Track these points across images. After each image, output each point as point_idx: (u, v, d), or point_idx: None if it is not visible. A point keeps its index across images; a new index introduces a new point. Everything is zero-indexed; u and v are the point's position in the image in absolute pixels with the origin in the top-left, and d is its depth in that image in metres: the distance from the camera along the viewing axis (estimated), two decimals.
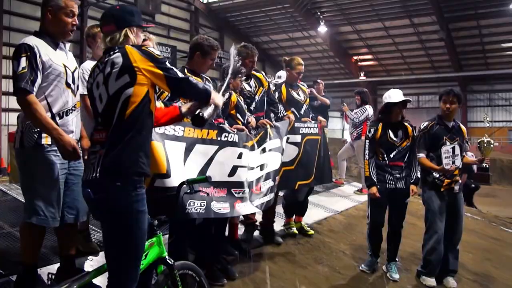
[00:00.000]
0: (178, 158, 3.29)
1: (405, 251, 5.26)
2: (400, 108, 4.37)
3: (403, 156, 4.45)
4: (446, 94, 4.39)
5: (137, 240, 2.20)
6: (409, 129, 4.49)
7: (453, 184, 4.37)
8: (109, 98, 2.17)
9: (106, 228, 2.25)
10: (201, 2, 21.61)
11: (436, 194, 4.38)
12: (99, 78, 2.22)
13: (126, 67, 2.15)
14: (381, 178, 4.42)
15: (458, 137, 4.39)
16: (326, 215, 6.06)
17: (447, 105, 4.37)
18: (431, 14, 20.62)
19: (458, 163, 4.20)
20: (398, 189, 4.41)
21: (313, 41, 23.98)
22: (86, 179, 2.19)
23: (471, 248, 5.89)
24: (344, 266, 4.62)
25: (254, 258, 4.35)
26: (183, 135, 3.35)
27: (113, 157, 2.12)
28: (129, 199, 2.14)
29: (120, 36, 2.29)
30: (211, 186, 3.43)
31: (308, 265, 4.46)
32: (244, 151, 3.75)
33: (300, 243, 4.94)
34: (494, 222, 7.84)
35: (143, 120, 2.20)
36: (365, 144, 4.53)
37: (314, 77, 26.92)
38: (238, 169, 3.66)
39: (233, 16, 22.88)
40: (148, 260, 2.43)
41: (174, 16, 20.50)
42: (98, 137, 2.21)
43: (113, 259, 2.22)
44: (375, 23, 21.80)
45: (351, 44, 24.67)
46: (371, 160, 4.47)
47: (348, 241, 5.30)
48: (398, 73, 26.00)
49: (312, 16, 21.76)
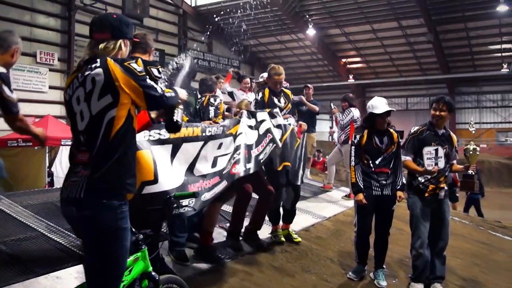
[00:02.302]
0: (165, 160, 3.33)
1: (393, 258, 5.23)
2: (384, 117, 4.34)
3: (389, 163, 4.43)
4: (437, 102, 4.36)
5: (120, 257, 2.19)
6: (394, 135, 4.47)
7: (438, 190, 4.35)
8: (92, 118, 2.12)
9: (89, 245, 2.20)
10: (189, 5, 21.55)
11: (420, 199, 4.36)
12: (79, 93, 2.15)
13: (108, 86, 2.10)
14: (367, 185, 4.39)
15: (447, 144, 4.36)
16: (314, 222, 6.01)
17: (436, 113, 4.33)
18: (419, 17, 20.77)
19: (442, 165, 4.20)
20: (384, 195, 4.38)
21: (301, 44, 24.04)
22: (68, 197, 2.14)
23: (459, 253, 5.88)
24: (331, 274, 4.57)
25: (239, 266, 4.29)
26: (169, 137, 3.36)
27: (100, 179, 2.09)
28: (114, 217, 2.12)
29: (114, 47, 2.24)
30: (200, 180, 3.53)
31: (295, 273, 4.39)
32: (225, 140, 3.89)
33: (287, 250, 4.87)
34: (482, 226, 7.86)
35: (128, 139, 2.19)
36: (351, 150, 4.50)
37: (303, 80, 27.04)
38: (218, 158, 3.78)
39: (222, 20, 22.77)
40: (132, 275, 2.41)
41: (162, 19, 20.43)
42: (82, 158, 2.16)
43: (95, 276, 2.19)
44: (363, 25, 21.90)
45: (340, 47, 24.77)
46: (357, 167, 4.44)
47: (336, 248, 5.24)
48: (386, 76, 26.16)
49: (301, 19, 21.81)
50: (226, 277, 4.01)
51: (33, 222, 4.52)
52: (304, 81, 26.88)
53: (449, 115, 4.36)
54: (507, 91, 26.14)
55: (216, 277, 3.96)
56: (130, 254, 2.38)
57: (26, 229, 4.37)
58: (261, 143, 4.31)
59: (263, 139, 4.35)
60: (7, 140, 10.42)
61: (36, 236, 4.23)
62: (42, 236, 4.21)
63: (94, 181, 2.09)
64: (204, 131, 3.70)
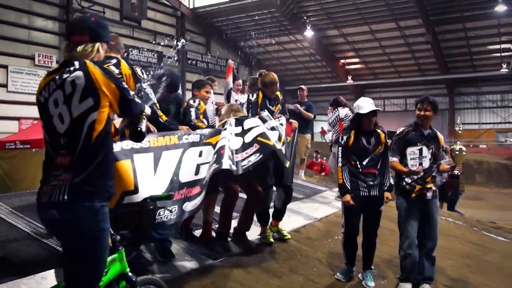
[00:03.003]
0: (148, 169, 3.38)
1: (383, 258, 5.22)
2: (370, 117, 4.34)
3: (376, 163, 4.42)
4: (421, 102, 4.39)
5: (100, 258, 2.21)
6: (381, 135, 4.46)
7: (425, 191, 4.35)
8: (73, 121, 2.12)
9: (69, 247, 2.21)
10: (187, 7, 21.57)
11: (407, 200, 4.38)
12: (57, 95, 2.15)
13: (90, 90, 2.12)
14: (354, 186, 4.39)
15: (433, 145, 4.37)
16: (305, 223, 6.00)
17: (421, 113, 4.36)
18: (417, 17, 20.77)
19: (426, 165, 4.22)
20: (372, 196, 4.37)
21: (299, 45, 24.06)
22: (49, 201, 2.13)
23: (451, 254, 5.86)
24: (319, 274, 4.56)
25: (226, 267, 4.30)
26: (149, 146, 3.45)
27: (83, 181, 2.10)
28: (95, 218, 2.13)
29: (92, 49, 2.26)
30: (184, 187, 3.60)
31: (283, 274, 4.39)
32: (205, 148, 3.96)
33: (276, 251, 4.87)
34: (475, 227, 7.82)
35: (108, 142, 2.22)
36: (338, 151, 4.51)
37: (302, 81, 27.06)
38: (200, 166, 3.83)
39: (220, 21, 22.87)
40: (108, 276, 2.42)
41: (160, 21, 20.46)
42: (62, 161, 2.15)
43: (74, 277, 2.21)
44: (361, 26, 21.90)
45: (338, 48, 24.77)
46: (344, 167, 4.44)
47: (326, 249, 5.24)
48: (385, 76, 26.16)
49: (299, 20, 21.81)
50: (212, 277, 4.01)
51: (21, 223, 4.53)
52: (303, 82, 26.93)
53: (434, 114, 4.37)
54: (507, 91, 26.10)
55: (202, 278, 3.97)
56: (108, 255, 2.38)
57: (14, 231, 4.39)
58: (246, 150, 4.25)
59: (248, 147, 4.28)
60: (5, 142, 10.49)
61: (23, 238, 4.24)
62: (29, 237, 4.22)
63: (76, 185, 2.10)
64: (181, 138, 3.77)
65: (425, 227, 4.41)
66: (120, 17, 18.29)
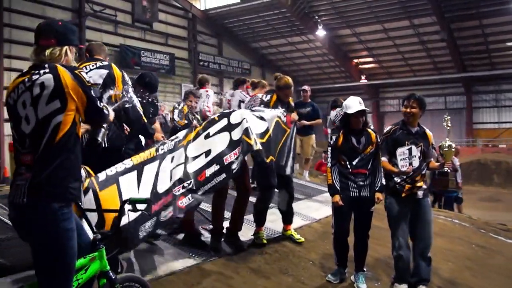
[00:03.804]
0: (132, 188, 3.52)
1: (379, 260, 5.15)
2: (358, 117, 4.27)
3: (367, 163, 4.35)
4: (407, 99, 4.39)
5: (66, 257, 2.24)
6: (372, 135, 4.39)
7: (415, 190, 4.27)
8: (38, 122, 2.18)
9: (35, 247, 2.26)
10: (198, 9, 21.64)
11: (397, 200, 4.33)
12: (25, 97, 2.20)
13: (58, 92, 2.17)
14: (344, 186, 4.33)
15: (422, 142, 4.30)
16: (302, 224, 5.94)
17: (407, 110, 4.33)
18: (431, 15, 20.44)
19: (416, 164, 4.16)
20: (362, 197, 4.31)
21: (312, 45, 23.90)
22: (12, 201, 2.20)
23: (451, 257, 5.74)
24: (310, 276, 4.51)
25: (215, 267, 4.29)
26: (132, 165, 3.61)
27: (42, 181, 2.15)
28: (55, 219, 2.17)
29: (60, 53, 2.30)
30: (162, 197, 3.67)
31: (271, 275, 4.36)
32: (177, 153, 4.05)
33: (267, 252, 4.83)
34: (483, 229, 7.63)
35: (71, 144, 2.25)
36: (328, 151, 4.45)
37: (315, 81, 26.95)
38: (173, 170, 3.91)
39: (231, 22, 22.89)
40: (88, 274, 2.48)
41: (171, 24, 20.57)
42: (25, 160, 2.21)
43: (44, 276, 2.26)
44: (374, 25, 21.66)
45: (351, 47, 24.54)
46: (333, 168, 4.38)
47: (321, 251, 5.17)
48: (400, 76, 25.82)
49: (310, 20, 21.69)
50: (199, 277, 4.01)
51: None
52: (316, 83, 26.89)
53: (420, 111, 4.33)
54: None
55: (188, 278, 3.97)
56: (88, 253, 2.48)
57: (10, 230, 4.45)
58: (234, 151, 4.19)
59: (236, 147, 4.22)
60: None
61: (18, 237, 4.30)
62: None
63: (35, 185, 2.15)
64: (158, 150, 3.92)
65: (417, 227, 4.35)
66: (131, 20, 18.46)
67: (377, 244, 5.56)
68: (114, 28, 17.79)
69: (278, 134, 4.84)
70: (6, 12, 13.61)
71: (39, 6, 14.70)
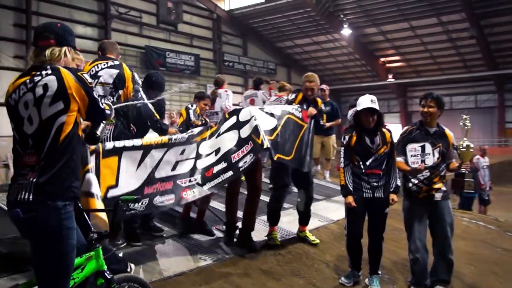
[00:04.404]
0: (131, 166, 3.71)
1: (396, 262, 5.01)
2: (368, 115, 4.16)
3: (381, 164, 4.23)
4: (424, 98, 4.22)
5: (66, 255, 2.27)
6: (387, 135, 4.26)
7: (434, 192, 4.12)
8: (42, 122, 2.21)
9: (36, 245, 2.29)
10: (223, 10, 21.71)
11: (414, 201, 4.19)
12: (27, 98, 2.23)
13: (61, 94, 2.21)
14: (357, 187, 4.22)
15: (441, 142, 4.13)
16: (319, 225, 5.84)
17: (425, 109, 4.17)
18: (460, 11, 19.92)
19: (430, 162, 4.01)
20: (376, 198, 4.19)
21: (337, 44, 23.65)
22: (15, 200, 2.22)
23: (474, 260, 5.52)
24: (322, 278, 4.42)
25: (225, 268, 4.25)
26: (141, 144, 3.78)
27: (48, 180, 2.19)
28: (58, 217, 2.21)
29: (59, 53, 2.33)
30: (157, 182, 3.88)
31: (282, 277, 4.29)
32: (189, 147, 4.19)
33: (280, 253, 4.76)
34: (510, 232, 7.34)
35: (74, 144, 2.30)
36: (341, 151, 4.36)
37: (342, 80, 26.69)
38: (179, 163, 4.07)
39: (256, 22, 22.86)
40: (84, 273, 2.51)
41: (196, 24, 20.71)
42: (29, 161, 2.24)
43: (43, 273, 2.29)
44: (401, 23, 21.24)
45: (377, 46, 24.15)
46: (346, 168, 4.28)
47: (336, 253, 5.06)
48: (428, 74, 25.25)
49: (335, 19, 21.46)
50: (208, 278, 3.98)
51: None
52: (343, 82, 26.62)
53: (439, 111, 4.16)
54: None
55: (197, 278, 3.94)
56: (84, 253, 2.51)
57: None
58: (242, 149, 4.26)
59: (244, 145, 4.28)
60: None
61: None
62: None
63: (41, 184, 2.19)
64: (171, 139, 4.05)
65: (435, 229, 4.20)
66: (156, 21, 18.68)
67: (396, 246, 5.43)
68: (139, 29, 18.04)
69: (294, 130, 4.78)
70: (34, 16, 13.97)
71: (66, 10, 15.05)
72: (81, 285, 2.50)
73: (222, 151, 4.26)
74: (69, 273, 2.34)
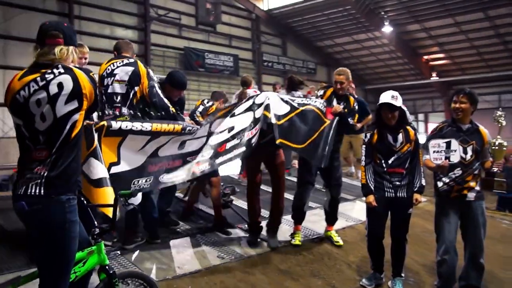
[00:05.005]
0: (135, 146, 3.84)
1: (424, 265, 4.85)
2: (387, 111, 4.01)
3: (404, 162, 4.09)
4: (456, 94, 4.02)
5: (68, 248, 2.33)
6: (411, 133, 4.12)
7: (466, 191, 3.91)
8: (56, 120, 2.28)
9: (39, 237, 2.34)
10: (261, 9, 21.67)
11: (445, 201, 4.00)
12: (40, 95, 2.27)
13: (77, 93, 2.30)
14: (379, 186, 4.11)
15: (474, 140, 3.92)
16: (346, 225, 5.74)
17: (456, 105, 3.96)
18: (508, 5, 18.88)
19: (455, 159, 3.80)
20: (398, 198, 4.06)
21: (378, 42, 23.04)
22: (24, 193, 2.27)
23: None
24: (343, 279, 4.33)
25: (243, 266, 4.24)
26: (150, 130, 3.87)
27: (58, 175, 2.27)
28: (62, 210, 2.28)
29: (68, 52, 2.39)
30: (163, 160, 4.02)
31: (300, 277, 4.23)
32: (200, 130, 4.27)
33: (301, 253, 4.71)
34: None
35: (80, 141, 2.41)
36: (362, 149, 4.24)
37: (384, 79, 26.04)
38: (186, 142, 4.17)
39: (295, 22, 22.65)
40: (86, 267, 2.56)
41: (235, 25, 20.76)
42: (39, 155, 2.30)
43: (45, 265, 2.35)
44: (445, 19, 20.41)
45: (420, 43, 23.33)
46: (368, 167, 4.18)
47: (360, 254, 4.94)
48: (475, 71, 24.20)
49: (376, 16, 20.94)
50: (223, 276, 3.98)
51: None
52: (385, 81, 25.96)
53: (471, 107, 3.94)
54: None
55: (212, 277, 3.96)
56: (86, 247, 2.58)
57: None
58: (255, 127, 4.33)
59: (257, 123, 4.35)
60: None
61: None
62: None
63: (51, 178, 2.26)
64: (185, 129, 4.09)
65: (467, 231, 3.99)
66: (195, 22, 18.86)
67: (426, 248, 5.25)
68: (179, 31, 18.27)
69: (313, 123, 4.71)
70: (76, 19, 14.44)
71: (107, 13, 15.43)
72: (83, 279, 2.55)
73: (236, 129, 4.33)
74: (70, 265, 2.39)
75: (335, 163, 5.10)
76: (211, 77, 18.72)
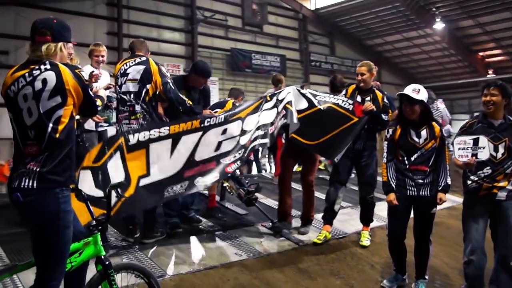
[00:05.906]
0: (163, 154, 3.93)
1: (453, 267, 4.64)
2: (406, 104, 3.85)
3: (428, 160, 3.90)
4: (487, 86, 3.77)
5: (62, 237, 2.40)
6: (436, 129, 3.93)
7: (496, 190, 3.68)
8: (40, 115, 2.36)
9: (34, 227, 2.43)
10: (308, 9, 21.49)
11: (474, 199, 3.77)
12: (26, 91, 2.37)
13: (59, 89, 2.37)
14: (401, 184, 3.95)
15: (507, 136, 3.67)
16: (375, 225, 5.56)
17: (487, 98, 3.71)
18: None
19: (483, 157, 3.54)
20: (421, 196, 3.88)
21: (430, 39, 22.19)
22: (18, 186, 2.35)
23: None
24: (363, 280, 4.21)
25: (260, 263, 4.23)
26: (168, 133, 3.96)
27: (51, 171, 2.35)
28: (56, 201, 2.36)
29: (55, 49, 2.47)
30: (200, 164, 4.11)
31: (319, 276, 4.15)
32: (230, 125, 4.35)
33: (323, 253, 4.63)
34: None
35: (72, 136, 2.46)
36: (384, 146, 4.11)
37: (437, 78, 25.07)
38: (223, 142, 4.26)
39: (343, 20, 22.28)
40: (82, 258, 2.61)
41: (282, 25, 20.72)
42: (31, 151, 2.39)
43: (41, 255, 2.43)
44: (501, 13, 19.30)
45: (474, 39, 22.25)
46: (389, 164, 4.03)
47: (386, 254, 4.72)
48: None
49: (427, 13, 20.20)
50: (238, 273, 3.97)
51: None
52: (438, 79, 24.98)
53: (504, 100, 3.69)
54: None
55: (227, 273, 3.95)
56: (82, 238, 2.61)
57: None
58: (276, 118, 4.47)
59: (279, 116, 4.47)
60: None
61: None
62: None
63: (44, 173, 2.34)
64: (203, 122, 4.16)
65: (497, 232, 3.76)
66: (242, 23, 19.00)
67: (458, 251, 4.95)
68: (225, 32, 18.49)
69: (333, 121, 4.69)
70: (125, 24, 14.97)
71: (154, 16, 15.87)
72: (79, 269, 2.61)
73: (261, 123, 4.45)
74: (65, 255, 2.44)
75: (365, 161, 4.96)
76: (258, 77, 18.79)
